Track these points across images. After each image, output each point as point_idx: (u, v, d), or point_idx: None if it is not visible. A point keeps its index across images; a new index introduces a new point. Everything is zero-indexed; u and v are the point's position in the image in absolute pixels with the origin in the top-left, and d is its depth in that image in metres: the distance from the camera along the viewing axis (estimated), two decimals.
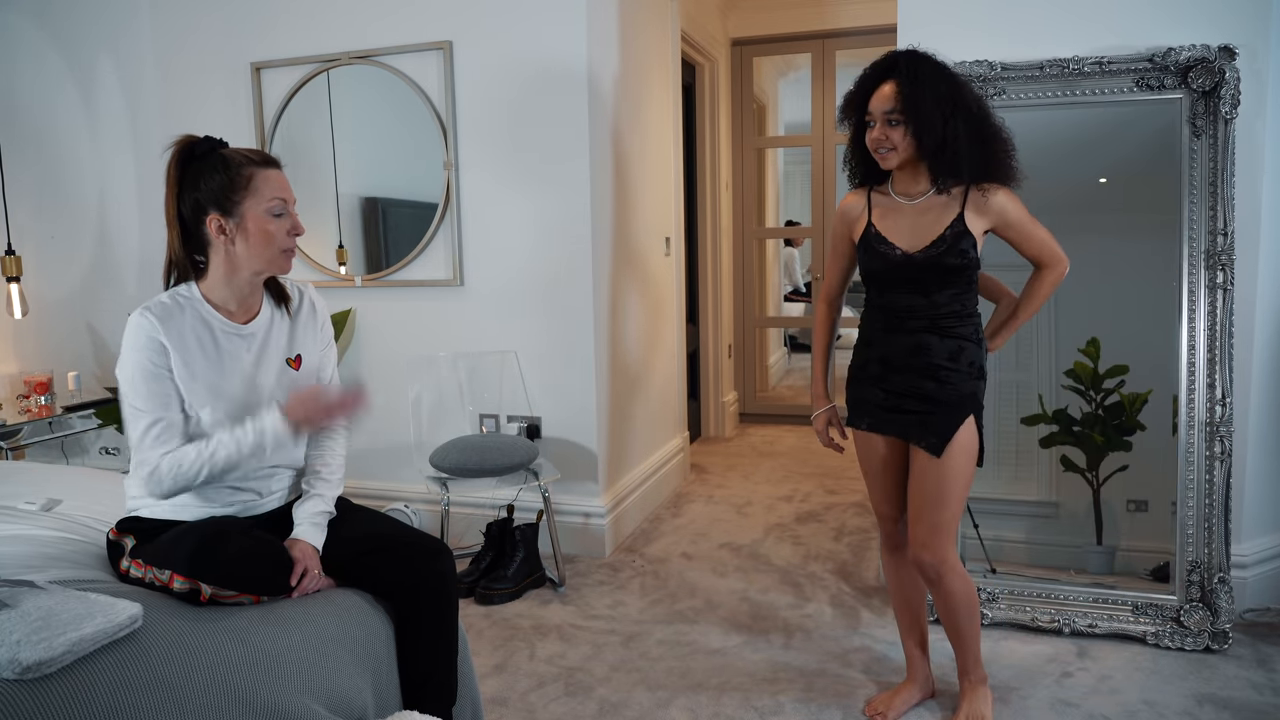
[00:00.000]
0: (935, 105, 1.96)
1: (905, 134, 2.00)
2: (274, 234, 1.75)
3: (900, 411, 2.11)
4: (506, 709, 2.34)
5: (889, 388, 2.12)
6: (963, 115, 1.99)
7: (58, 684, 1.26)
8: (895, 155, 2.03)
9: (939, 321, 2.06)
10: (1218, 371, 2.57)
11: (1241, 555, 2.71)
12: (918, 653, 2.32)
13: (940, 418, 2.06)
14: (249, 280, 1.80)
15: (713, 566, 3.30)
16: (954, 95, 1.98)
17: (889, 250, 2.08)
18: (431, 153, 3.45)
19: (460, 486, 3.28)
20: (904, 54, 2.03)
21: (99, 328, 4.00)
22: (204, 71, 3.73)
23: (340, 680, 1.61)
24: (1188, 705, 2.28)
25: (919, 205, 2.08)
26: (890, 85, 2.00)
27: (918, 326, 2.08)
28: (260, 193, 1.73)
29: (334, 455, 1.95)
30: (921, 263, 2.04)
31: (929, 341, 2.07)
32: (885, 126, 2.01)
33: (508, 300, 3.45)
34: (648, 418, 3.96)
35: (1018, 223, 2.08)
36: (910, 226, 2.08)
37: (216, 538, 1.63)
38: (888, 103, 2.00)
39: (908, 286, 2.08)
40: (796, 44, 5.49)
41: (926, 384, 2.07)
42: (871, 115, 2.03)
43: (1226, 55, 2.52)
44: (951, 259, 2.02)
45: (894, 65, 2.02)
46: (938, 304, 2.06)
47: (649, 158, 3.92)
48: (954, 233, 2.02)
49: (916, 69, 1.99)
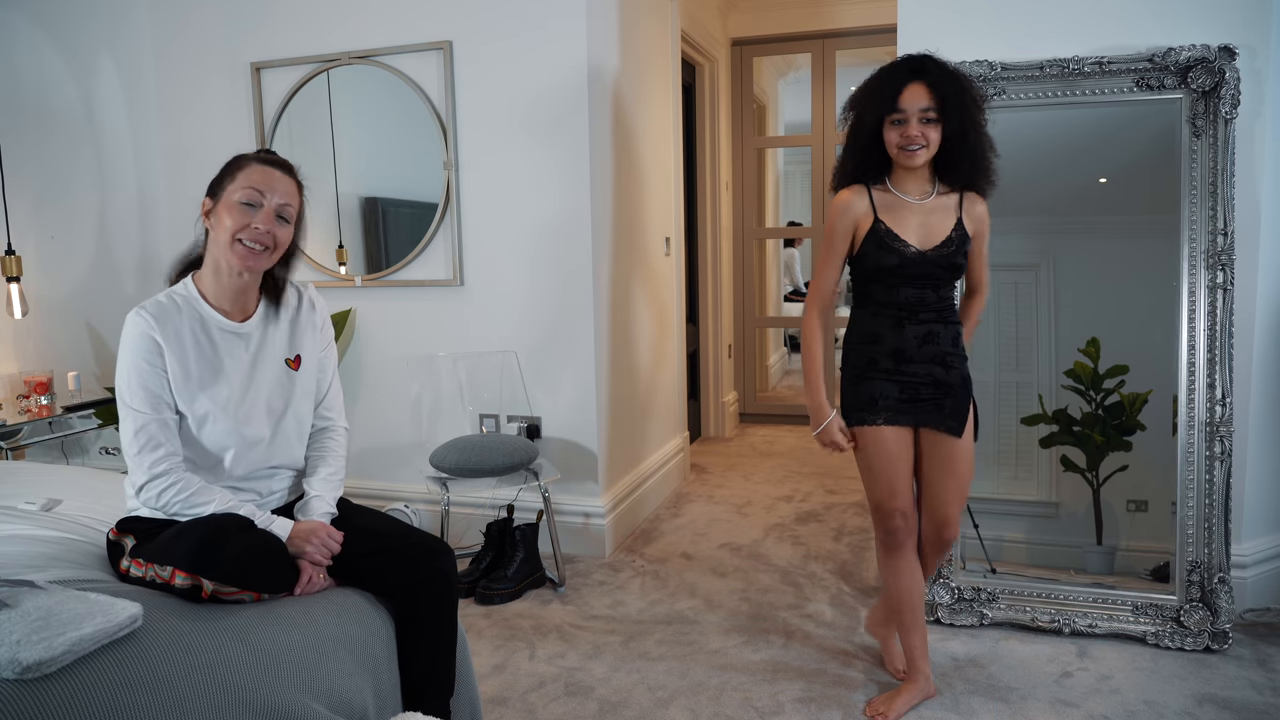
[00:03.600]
0: (971, 104, 2.08)
1: (939, 131, 2.09)
2: (229, 223, 1.73)
3: (917, 401, 2.20)
4: (506, 709, 2.34)
5: (904, 379, 2.20)
6: (983, 121, 2.14)
7: (58, 684, 1.26)
8: (925, 153, 2.11)
9: (943, 313, 2.20)
10: (1218, 371, 2.57)
11: (1241, 555, 2.71)
12: (918, 653, 2.32)
13: (954, 400, 2.20)
14: (230, 273, 1.79)
15: (713, 566, 3.30)
16: (979, 102, 2.13)
17: (903, 247, 2.15)
18: (431, 153, 3.45)
19: (460, 486, 3.28)
20: (927, 57, 2.12)
21: (99, 328, 3.99)
22: (204, 71, 3.73)
23: (340, 680, 1.61)
24: (1188, 705, 2.28)
25: (927, 205, 2.18)
26: (922, 85, 2.07)
27: (929, 318, 2.19)
28: (238, 180, 1.75)
29: (335, 455, 1.95)
30: (935, 260, 2.15)
31: (937, 330, 2.19)
32: (921, 124, 2.08)
33: (508, 300, 3.45)
34: (648, 418, 3.96)
35: (980, 239, 2.23)
36: (919, 225, 2.17)
37: (218, 534, 1.63)
38: (924, 100, 2.07)
39: (919, 282, 2.17)
40: (796, 44, 5.49)
41: (937, 370, 2.19)
42: (904, 113, 2.08)
43: (1226, 55, 2.52)
44: (960, 258, 2.17)
45: (922, 66, 2.10)
46: (944, 297, 2.20)
47: (649, 158, 3.92)
48: (959, 234, 2.17)
49: (948, 72, 2.10)
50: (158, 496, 1.70)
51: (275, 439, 1.85)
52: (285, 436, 1.87)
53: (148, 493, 1.71)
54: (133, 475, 1.72)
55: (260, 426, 1.82)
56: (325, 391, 1.98)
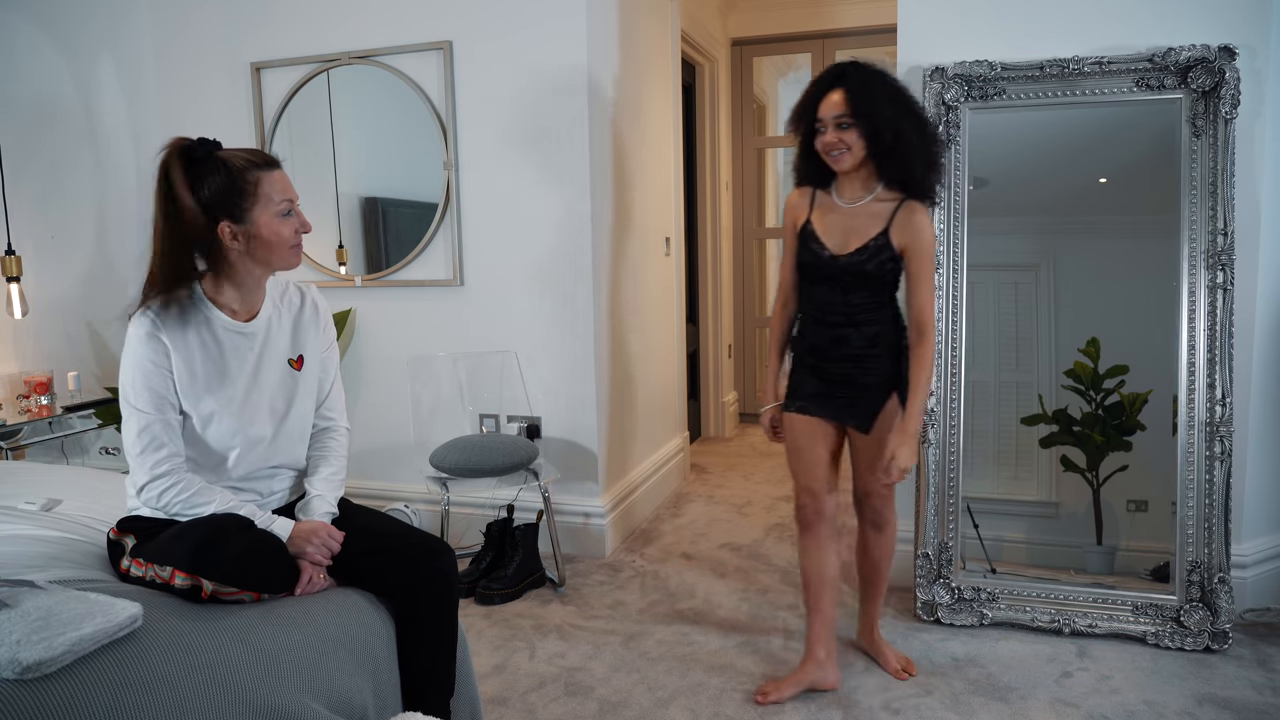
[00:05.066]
0: (886, 105, 2.12)
1: (858, 135, 2.14)
2: (284, 235, 1.76)
3: (831, 398, 2.31)
4: (506, 709, 2.34)
5: (822, 375, 2.31)
6: (910, 117, 2.14)
7: (58, 684, 1.26)
8: (849, 157, 2.17)
9: (854, 316, 2.25)
10: (1218, 371, 2.57)
11: (1241, 555, 2.71)
12: (814, 636, 2.37)
13: (867, 399, 2.28)
14: (258, 279, 1.81)
15: (713, 566, 3.30)
16: (901, 98, 2.15)
17: (819, 249, 2.26)
18: (431, 153, 3.45)
19: (460, 486, 3.28)
20: (849, 64, 2.19)
21: (99, 328, 3.99)
22: (204, 71, 3.73)
23: (340, 680, 1.61)
24: (1188, 705, 2.28)
25: (854, 210, 2.24)
26: (839, 93, 2.16)
27: (837, 321, 2.27)
28: (269, 197, 1.73)
29: (336, 455, 1.95)
30: (843, 266, 2.22)
31: (846, 334, 2.26)
32: (837, 130, 2.15)
33: (508, 300, 3.45)
34: (648, 418, 3.96)
35: (918, 256, 2.18)
36: (842, 229, 2.24)
37: (218, 534, 1.63)
38: (837, 108, 2.15)
39: (829, 284, 2.26)
40: (796, 44, 5.49)
41: (852, 370, 2.27)
42: (822, 122, 2.18)
43: (1226, 55, 2.52)
44: (870, 267, 2.20)
45: (842, 74, 2.18)
46: (852, 302, 2.25)
47: (649, 158, 3.92)
48: (877, 245, 2.19)
49: (863, 75, 2.15)
50: (159, 497, 1.70)
51: (277, 439, 1.85)
52: (287, 436, 1.87)
53: (149, 493, 1.71)
54: (134, 475, 1.72)
55: (263, 426, 1.82)
56: (327, 392, 1.98)
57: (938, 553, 2.76)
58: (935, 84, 2.74)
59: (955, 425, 2.78)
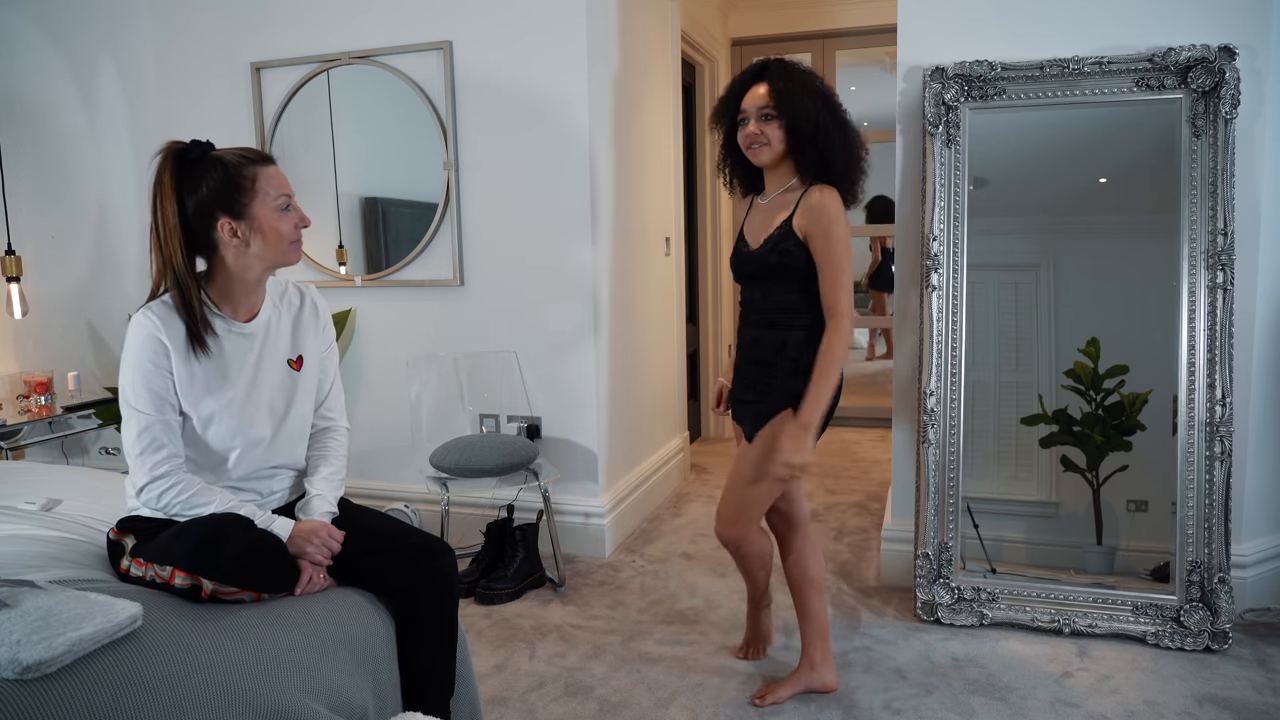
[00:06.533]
0: (807, 98, 2.11)
1: (779, 128, 2.13)
2: (284, 229, 1.76)
3: (743, 402, 2.28)
4: (506, 709, 2.34)
5: (740, 378, 2.30)
6: (831, 111, 2.13)
7: (58, 684, 1.26)
8: (768, 150, 2.16)
9: (770, 316, 2.19)
10: (1218, 371, 2.57)
11: (1241, 555, 2.71)
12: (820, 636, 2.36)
13: (761, 408, 2.20)
14: (259, 276, 1.80)
15: (713, 566, 3.30)
16: (822, 91, 2.14)
17: (742, 247, 2.25)
18: (431, 153, 3.45)
19: (460, 486, 3.28)
20: (773, 60, 2.20)
21: (99, 328, 4.00)
22: (204, 72, 3.73)
23: (340, 680, 1.61)
24: (1188, 705, 2.28)
25: (769, 203, 2.23)
26: (763, 85, 2.15)
27: (756, 320, 2.23)
28: (266, 192, 1.74)
29: (336, 455, 1.95)
30: (755, 258, 2.19)
31: (760, 335, 2.21)
32: (759, 122, 2.14)
33: (508, 300, 3.45)
34: (648, 418, 3.96)
35: (818, 238, 2.08)
36: (759, 224, 2.24)
37: (218, 534, 1.63)
38: (761, 100, 2.14)
39: (749, 282, 2.25)
40: (796, 44, 5.49)
41: (759, 375, 2.21)
42: (745, 114, 2.17)
43: (1226, 55, 2.52)
44: (772, 257, 2.14)
45: (765, 68, 2.18)
46: (769, 300, 2.19)
47: (649, 158, 3.92)
48: (780, 233, 2.14)
49: (786, 69, 2.16)
50: (159, 497, 1.70)
51: (277, 439, 1.85)
52: (287, 437, 1.87)
53: (148, 493, 1.71)
54: (134, 476, 1.72)
55: (263, 427, 1.82)
56: (327, 392, 1.98)
57: (938, 553, 2.76)
58: (935, 84, 2.74)
59: (955, 425, 2.78)
